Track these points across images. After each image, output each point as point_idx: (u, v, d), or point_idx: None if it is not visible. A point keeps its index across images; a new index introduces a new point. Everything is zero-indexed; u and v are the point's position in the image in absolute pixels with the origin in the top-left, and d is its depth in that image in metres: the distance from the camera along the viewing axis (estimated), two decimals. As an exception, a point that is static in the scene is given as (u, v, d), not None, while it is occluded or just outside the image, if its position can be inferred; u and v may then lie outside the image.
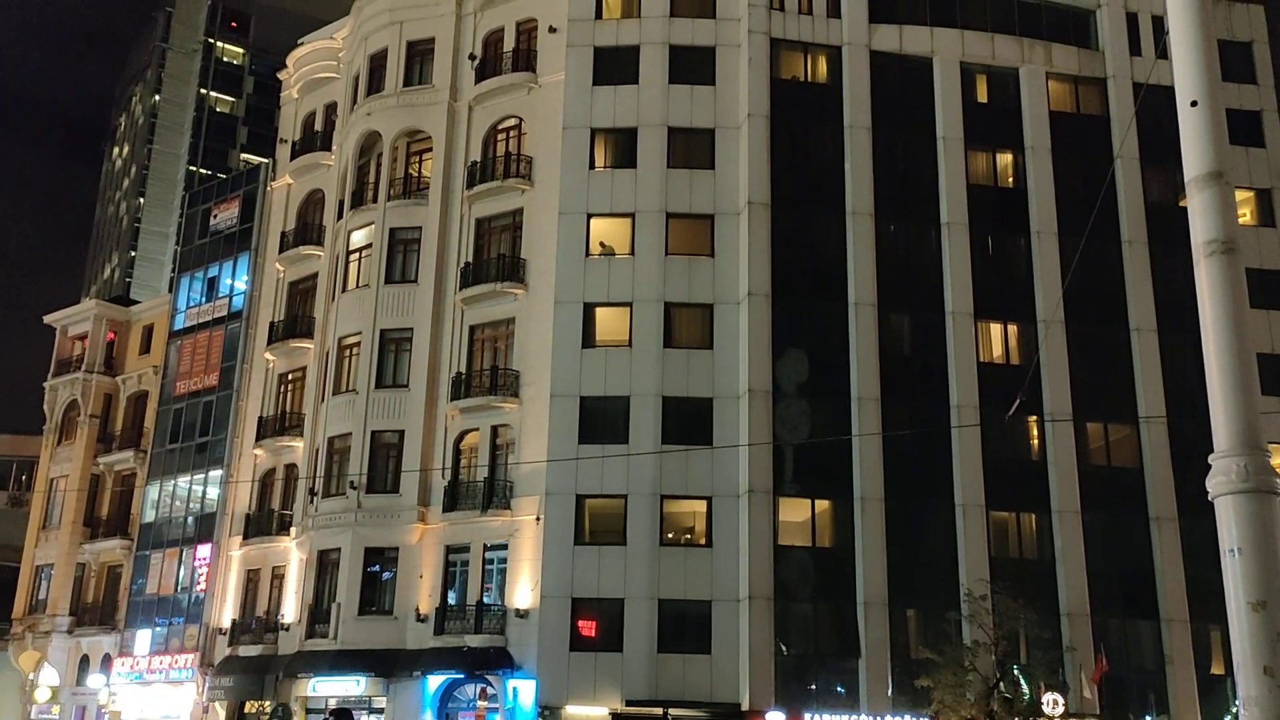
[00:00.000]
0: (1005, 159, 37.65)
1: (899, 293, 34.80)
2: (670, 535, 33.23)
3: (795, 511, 33.21)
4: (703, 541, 32.94)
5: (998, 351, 35.65)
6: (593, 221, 35.71)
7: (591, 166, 36.25)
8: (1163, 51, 35.01)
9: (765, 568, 31.68)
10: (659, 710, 29.87)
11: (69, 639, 46.42)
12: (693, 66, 36.60)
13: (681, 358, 34.08)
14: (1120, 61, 38.05)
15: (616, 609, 32.01)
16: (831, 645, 32.32)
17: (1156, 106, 31.10)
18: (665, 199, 35.40)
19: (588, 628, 32.24)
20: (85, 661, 45.94)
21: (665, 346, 34.14)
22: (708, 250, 35.09)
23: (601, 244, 35.68)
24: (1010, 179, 37.51)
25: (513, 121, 38.83)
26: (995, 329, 35.65)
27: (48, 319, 52.43)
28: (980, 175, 37.04)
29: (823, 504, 33.43)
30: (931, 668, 28.77)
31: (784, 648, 31.38)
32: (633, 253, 35.23)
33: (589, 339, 34.66)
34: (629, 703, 30.90)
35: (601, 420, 33.49)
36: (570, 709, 31.60)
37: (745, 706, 30.37)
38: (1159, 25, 37.72)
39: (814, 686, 31.69)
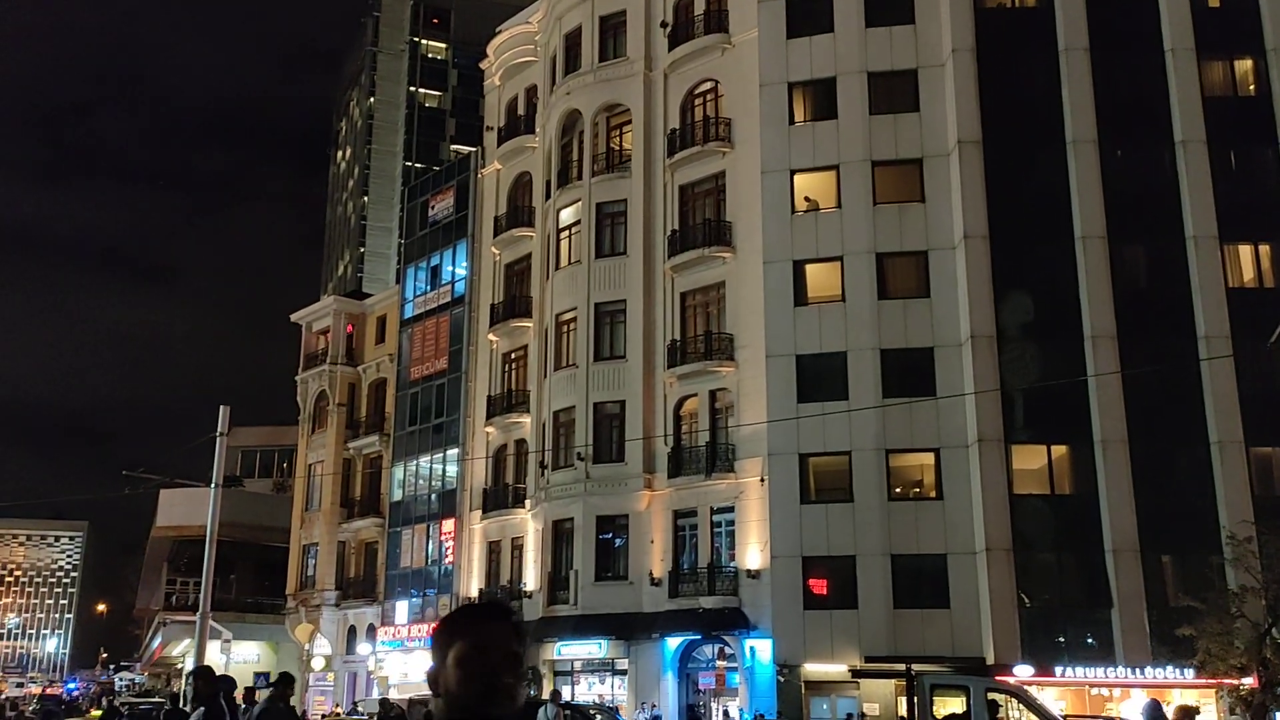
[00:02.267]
0: (1244, 65, 34.49)
1: (1130, 222, 32.59)
2: (898, 489, 32.61)
3: (1030, 459, 31.88)
4: (933, 494, 32.17)
5: (1249, 275, 32.88)
6: (796, 177, 35.19)
7: (791, 121, 35.68)
8: None
9: (1001, 518, 30.60)
10: (900, 666, 29.39)
11: (337, 611, 50.17)
12: (890, 6, 35.31)
13: (898, 308, 33.22)
14: (1375, -59, 34.08)
15: (848, 566, 31.73)
16: (1079, 596, 30.92)
17: None
18: (870, 147, 34.44)
19: (820, 586, 32.12)
20: (353, 632, 49.54)
21: (880, 298, 33.36)
22: (918, 196, 33.96)
23: (806, 199, 35.13)
24: (1252, 86, 34.36)
25: (708, 85, 38.68)
26: (1244, 251, 32.87)
27: (294, 317, 56.44)
28: (1217, 86, 34.07)
29: (1059, 449, 31.93)
30: (1194, 616, 27.09)
31: (1026, 599, 30.27)
32: (839, 205, 34.51)
33: (801, 296, 34.28)
34: (868, 659, 30.62)
35: (819, 377, 33.11)
36: (809, 666, 31.62)
37: (990, 660, 29.51)
38: None
39: (1062, 639, 30.46)
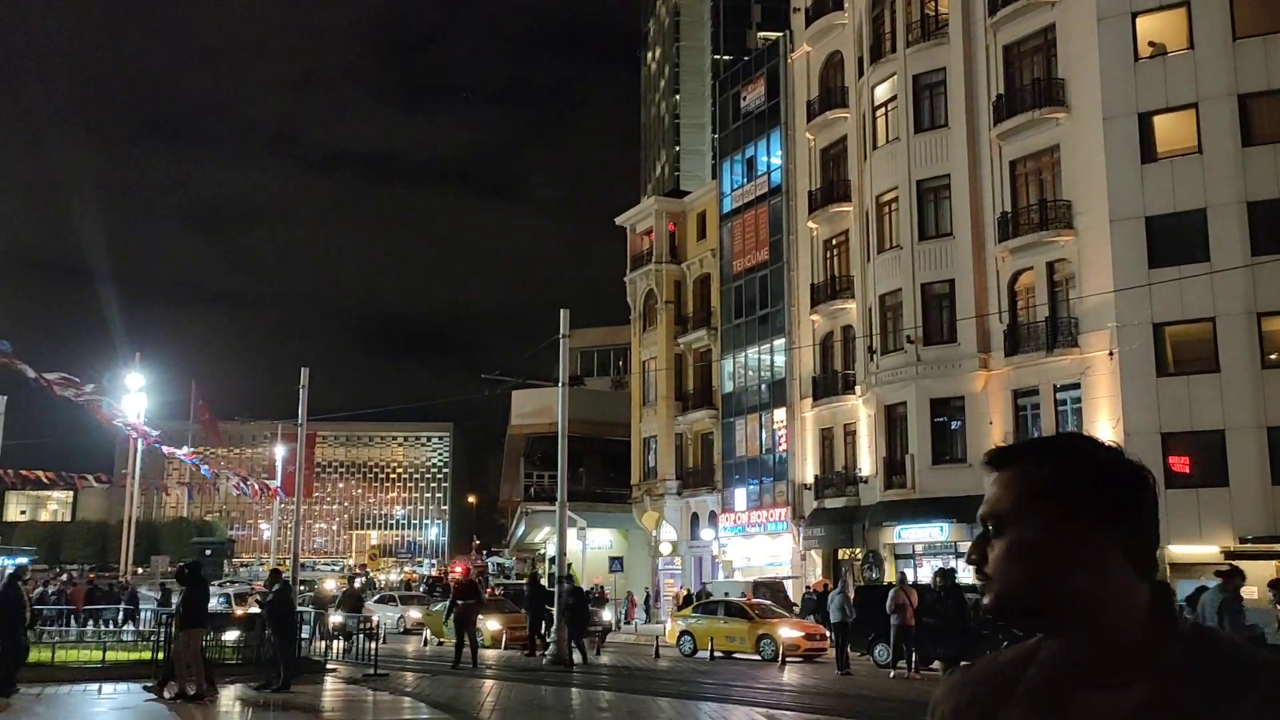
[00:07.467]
0: None
1: None
2: (1273, 357, 29.53)
3: None
4: (1317, 360, 28.87)
5: None
6: (1138, 20, 31.90)
7: (1129, -43, 32.20)
8: None
9: (1405, 384, 27.00)
10: (1281, 548, 27.04)
11: (679, 500, 52.63)
12: None
13: (1267, 155, 29.63)
14: None
15: (1215, 441, 29.31)
16: None
17: None
18: (1226, -27, 30.51)
19: (1181, 463, 29.91)
20: (695, 519, 51.86)
21: (1244, 145, 29.88)
22: (1289, 22, 29.82)
23: (1151, 44, 31.78)
24: None
25: (1030, -70, 35.55)
26: None
27: (618, 220, 58.56)
28: None
29: None
30: None
31: None
32: (1191, 46, 30.98)
33: (1148, 152, 31.33)
34: (1243, 540, 28.31)
35: (1173, 239, 30.34)
36: (1173, 548, 29.67)
37: (1393, 542, 26.43)
38: None
39: None
